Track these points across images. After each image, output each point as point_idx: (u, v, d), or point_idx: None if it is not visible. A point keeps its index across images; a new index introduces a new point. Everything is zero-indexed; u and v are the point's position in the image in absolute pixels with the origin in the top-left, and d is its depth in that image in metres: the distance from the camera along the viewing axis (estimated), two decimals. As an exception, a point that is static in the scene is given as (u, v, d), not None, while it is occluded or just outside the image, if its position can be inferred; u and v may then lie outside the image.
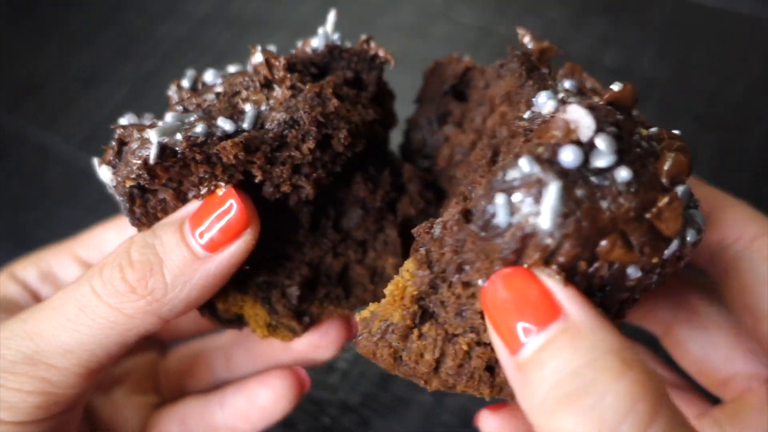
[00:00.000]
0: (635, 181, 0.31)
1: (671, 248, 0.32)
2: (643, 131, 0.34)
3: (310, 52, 0.44)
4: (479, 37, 0.91)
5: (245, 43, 0.42)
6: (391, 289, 0.36)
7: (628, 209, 0.30)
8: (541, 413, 0.29)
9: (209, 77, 0.43)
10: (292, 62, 0.41)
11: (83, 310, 0.37)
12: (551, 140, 0.31)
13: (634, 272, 0.32)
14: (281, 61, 0.40)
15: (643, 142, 0.33)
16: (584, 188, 0.30)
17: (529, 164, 0.30)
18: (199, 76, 0.44)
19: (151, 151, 0.36)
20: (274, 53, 0.41)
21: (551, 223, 0.30)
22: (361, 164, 0.46)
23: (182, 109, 0.40)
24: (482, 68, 0.46)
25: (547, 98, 0.36)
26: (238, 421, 0.47)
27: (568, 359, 0.28)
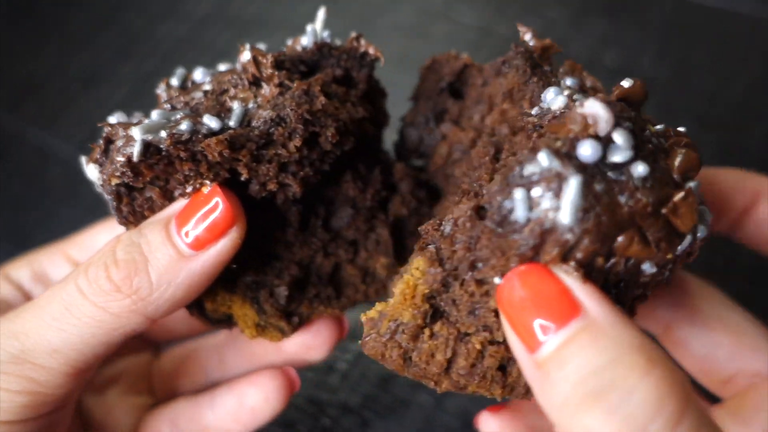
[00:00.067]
0: (650, 176, 0.31)
1: (684, 244, 0.32)
2: (651, 128, 0.34)
3: (300, 50, 0.43)
4: (479, 37, 0.91)
5: (245, 43, 0.41)
6: (401, 287, 0.35)
7: (645, 204, 0.30)
8: (564, 412, 0.28)
9: (198, 76, 0.42)
10: (280, 60, 0.41)
11: (69, 309, 0.37)
12: (569, 134, 0.30)
13: (648, 268, 0.32)
14: (269, 58, 0.40)
15: (653, 138, 0.33)
16: (603, 183, 0.30)
17: (548, 158, 0.30)
18: (188, 74, 0.43)
19: (135, 148, 0.36)
20: (262, 51, 0.40)
21: (571, 217, 0.29)
22: (351, 163, 0.45)
23: (170, 107, 0.40)
24: (480, 66, 0.46)
25: (555, 94, 0.36)
26: (228, 421, 0.46)
27: (590, 357, 0.28)
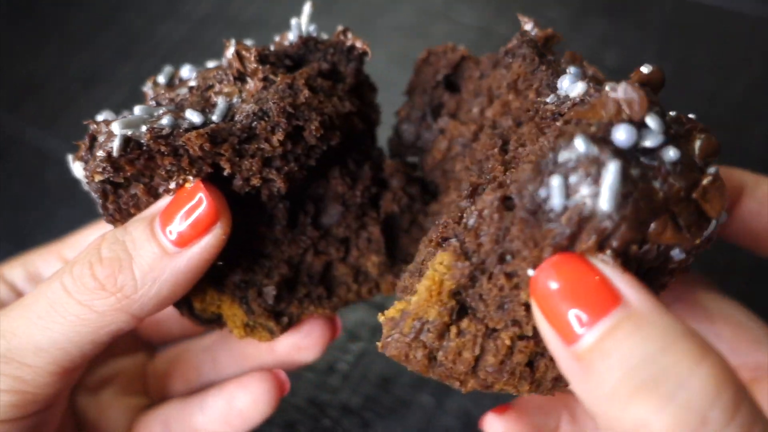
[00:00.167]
0: (680, 161, 0.30)
1: (710, 229, 0.31)
2: (669, 114, 0.33)
3: (287, 45, 0.43)
4: (479, 37, 0.90)
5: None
6: (427, 284, 0.34)
7: (678, 189, 0.30)
8: (613, 403, 0.27)
9: (185, 73, 0.42)
10: (264, 54, 0.40)
11: (54, 307, 0.36)
12: (602, 120, 0.30)
13: (677, 254, 0.31)
14: (252, 52, 0.39)
15: (673, 123, 0.32)
16: (638, 168, 0.29)
17: (585, 144, 0.29)
18: (176, 72, 0.43)
19: (114, 143, 0.35)
20: (246, 45, 0.40)
21: (611, 204, 0.29)
22: (340, 159, 0.45)
23: (155, 104, 0.40)
24: (476, 58, 0.45)
25: (571, 81, 0.35)
26: (218, 424, 0.46)
27: (638, 346, 0.27)
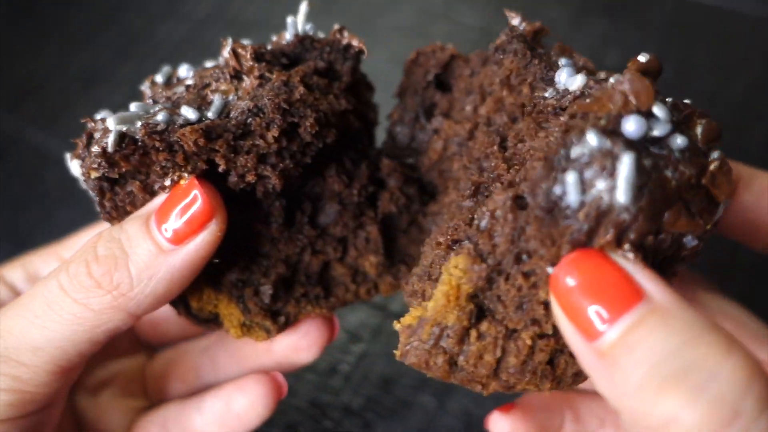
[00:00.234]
0: (687, 148, 0.30)
1: (718, 213, 0.31)
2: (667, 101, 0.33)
3: (284, 44, 0.43)
4: (479, 37, 0.90)
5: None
6: (444, 289, 0.33)
7: (689, 176, 0.30)
8: (641, 398, 0.27)
9: (183, 72, 0.42)
10: (260, 52, 0.40)
11: (50, 306, 0.36)
12: (610, 112, 0.30)
13: (690, 241, 0.31)
14: (248, 50, 0.39)
15: (674, 110, 0.32)
16: (650, 158, 0.29)
17: (597, 138, 0.29)
18: (174, 71, 0.43)
19: (109, 138, 0.35)
20: (242, 43, 0.40)
21: (628, 196, 0.28)
22: (336, 157, 0.45)
23: (152, 102, 0.40)
24: (466, 57, 0.45)
25: (569, 74, 0.35)
26: (215, 426, 0.46)
27: (663, 339, 0.27)
